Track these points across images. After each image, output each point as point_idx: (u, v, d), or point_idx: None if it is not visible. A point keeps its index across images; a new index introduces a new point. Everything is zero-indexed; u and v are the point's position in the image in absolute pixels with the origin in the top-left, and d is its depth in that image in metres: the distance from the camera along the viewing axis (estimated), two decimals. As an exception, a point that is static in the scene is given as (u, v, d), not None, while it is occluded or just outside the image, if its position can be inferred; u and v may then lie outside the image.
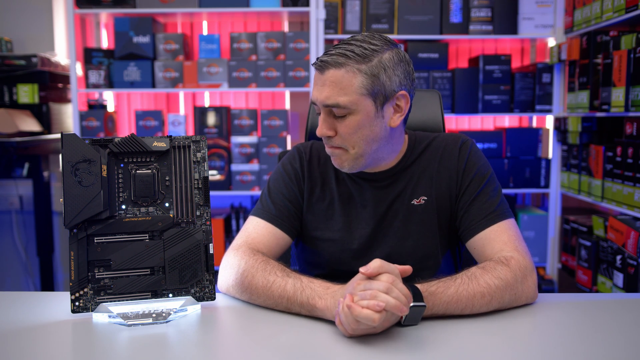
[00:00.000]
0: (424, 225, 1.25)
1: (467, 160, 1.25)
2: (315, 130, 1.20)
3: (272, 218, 1.25)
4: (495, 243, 1.16)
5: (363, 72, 1.13)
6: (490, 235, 1.17)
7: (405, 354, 0.87)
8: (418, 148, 1.29)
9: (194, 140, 1.08)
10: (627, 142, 2.13)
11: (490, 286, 1.03)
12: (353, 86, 1.13)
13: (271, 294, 1.06)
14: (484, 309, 1.03)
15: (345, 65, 1.13)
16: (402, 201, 1.25)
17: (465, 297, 1.01)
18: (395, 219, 1.25)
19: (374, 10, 2.70)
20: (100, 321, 1.01)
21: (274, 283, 1.06)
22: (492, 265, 1.08)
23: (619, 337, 0.95)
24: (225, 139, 2.74)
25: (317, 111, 1.19)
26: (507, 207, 1.22)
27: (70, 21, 2.66)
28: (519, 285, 1.06)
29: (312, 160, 1.31)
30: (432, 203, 1.25)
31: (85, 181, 1.01)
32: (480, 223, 1.19)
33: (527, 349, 0.91)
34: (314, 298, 1.01)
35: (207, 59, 2.71)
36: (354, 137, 1.17)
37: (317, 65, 1.16)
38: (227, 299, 1.14)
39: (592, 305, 1.11)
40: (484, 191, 1.22)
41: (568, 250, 2.63)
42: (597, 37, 2.36)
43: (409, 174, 1.27)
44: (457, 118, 3.00)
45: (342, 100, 1.13)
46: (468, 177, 1.23)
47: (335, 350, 0.90)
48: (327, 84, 1.14)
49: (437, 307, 1.00)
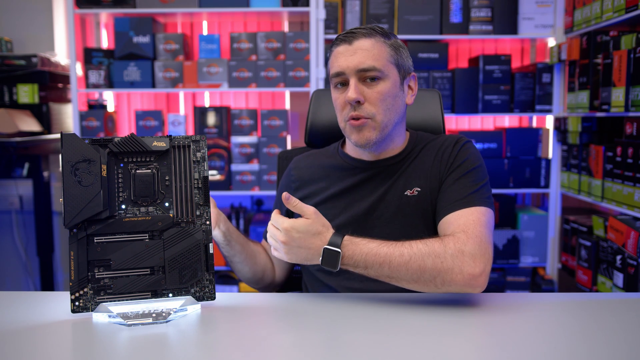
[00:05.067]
0: (416, 216, 1.27)
1: (458, 152, 1.28)
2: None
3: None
4: (452, 226, 1.15)
5: (388, 44, 1.24)
6: (452, 219, 1.17)
7: (405, 351, 0.87)
8: (418, 146, 1.33)
9: (193, 140, 1.08)
10: (627, 142, 2.13)
11: (412, 248, 1.07)
12: (383, 53, 1.22)
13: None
14: (403, 269, 1.06)
15: (374, 36, 1.23)
16: (395, 192, 1.29)
17: (385, 253, 1.07)
18: (387, 209, 1.28)
19: (374, 10, 2.70)
20: (100, 321, 1.01)
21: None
22: (428, 238, 1.10)
23: (619, 336, 0.95)
24: (225, 139, 2.74)
25: (338, 82, 1.25)
26: (485, 198, 1.20)
27: (70, 21, 2.66)
28: (449, 258, 1.05)
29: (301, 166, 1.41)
30: (426, 195, 1.27)
31: (85, 181, 1.01)
32: (449, 206, 1.20)
33: (527, 348, 0.91)
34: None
35: (207, 59, 2.71)
36: (382, 105, 1.22)
37: (341, 39, 1.23)
38: (227, 299, 1.14)
39: (592, 305, 1.11)
40: (462, 180, 1.23)
41: (568, 250, 2.63)
42: (597, 37, 2.36)
43: (404, 167, 1.30)
44: (457, 118, 3.00)
45: (376, 64, 1.21)
46: (454, 165, 1.27)
47: (335, 350, 0.90)
48: (359, 51, 1.21)
49: (357, 256, 1.08)
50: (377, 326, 0.98)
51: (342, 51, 1.23)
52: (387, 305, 1.07)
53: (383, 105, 1.22)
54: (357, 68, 1.20)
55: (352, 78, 1.21)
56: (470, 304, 1.10)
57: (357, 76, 1.21)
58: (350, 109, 1.23)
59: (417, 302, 1.09)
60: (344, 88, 1.24)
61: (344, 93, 1.24)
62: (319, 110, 1.53)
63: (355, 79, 1.21)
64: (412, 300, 1.10)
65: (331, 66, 1.26)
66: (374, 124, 1.23)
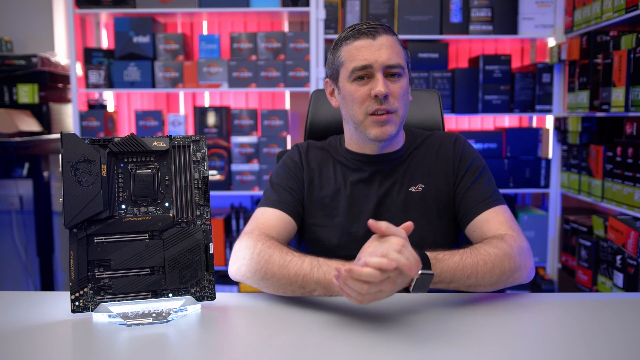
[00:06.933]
0: (422, 212, 1.30)
1: (462, 153, 1.33)
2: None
3: (277, 204, 1.29)
4: (492, 223, 1.23)
5: (399, 43, 1.27)
6: (488, 217, 1.24)
7: (405, 352, 0.87)
8: (416, 141, 1.36)
9: (193, 140, 1.08)
10: (627, 142, 2.13)
11: (490, 254, 1.08)
12: (400, 52, 1.26)
13: (287, 272, 1.06)
14: (488, 276, 1.07)
15: (391, 33, 1.26)
16: (400, 188, 1.31)
17: (470, 263, 1.06)
18: (393, 205, 1.31)
19: (374, 10, 2.70)
20: (100, 321, 1.01)
21: (290, 261, 1.07)
22: (489, 240, 1.14)
23: (619, 336, 0.95)
24: (225, 139, 2.74)
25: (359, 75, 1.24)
26: (501, 195, 1.30)
27: (70, 21, 2.66)
28: (517, 255, 1.12)
29: (309, 153, 1.38)
30: (430, 191, 1.31)
31: (85, 181, 1.01)
32: (479, 207, 1.26)
33: (527, 348, 0.91)
34: (330, 273, 1.01)
35: (207, 59, 2.70)
36: (402, 100, 1.26)
37: (363, 32, 1.24)
38: (227, 299, 1.14)
39: (592, 305, 1.11)
40: (479, 180, 1.30)
41: (568, 250, 2.63)
42: (597, 37, 2.36)
43: (406, 163, 1.33)
44: (457, 118, 3.00)
45: (400, 61, 1.24)
46: (464, 167, 1.31)
47: (335, 350, 0.90)
48: (384, 47, 1.23)
49: (445, 273, 1.04)
50: (377, 326, 0.98)
51: (365, 45, 1.23)
52: (387, 305, 1.07)
53: (404, 101, 1.26)
54: (385, 64, 1.22)
55: (379, 72, 1.22)
56: (470, 304, 1.10)
57: (385, 72, 1.23)
58: (375, 103, 1.23)
59: (416, 302, 1.09)
60: (365, 81, 1.24)
61: (365, 86, 1.24)
62: (318, 110, 1.53)
63: (382, 75, 1.23)
64: (412, 300, 1.10)
65: (350, 59, 1.24)
66: (396, 119, 1.26)
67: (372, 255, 0.90)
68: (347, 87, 1.26)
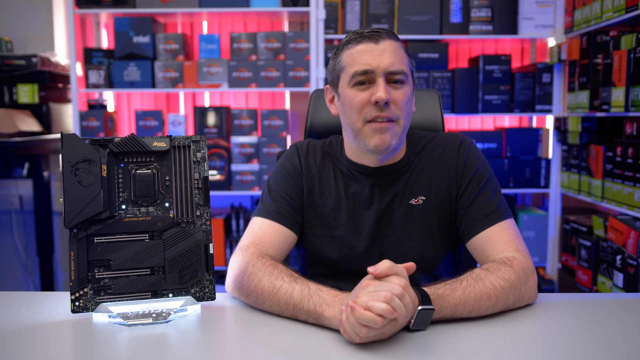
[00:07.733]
0: (423, 225, 1.24)
1: (465, 160, 1.25)
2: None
3: (275, 216, 1.23)
4: (496, 243, 1.16)
5: (404, 50, 1.21)
6: (491, 235, 1.17)
7: (405, 351, 0.87)
8: (417, 146, 1.29)
9: (194, 140, 1.08)
10: (627, 142, 2.13)
11: (495, 287, 1.02)
12: (404, 59, 1.20)
13: (277, 299, 1.02)
14: (490, 310, 1.02)
15: (395, 39, 1.20)
16: (401, 201, 1.25)
17: (473, 299, 0.99)
18: (394, 219, 1.25)
19: (374, 10, 2.70)
20: (100, 321, 1.01)
21: (280, 288, 1.02)
22: (496, 266, 1.06)
23: (619, 337, 0.95)
24: (225, 139, 2.74)
25: (360, 81, 1.18)
26: (507, 207, 1.22)
27: (70, 21, 2.66)
28: (522, 285, 1.06)
29: (309, 157, 1.32)
30: (431, 203, 1.24)
31: (85, 181, 1.01)
32: (481, 223, 1.19)
33: (527, 349, 0.91)
34: (321, 306, 0.96)
35: (207, 59, 2.71)
36: (404, 109, 1.20)
37: (365, 36, 1.19)
38: (227, 299, 1.14)
39: (592, 305, 1.11)
40: (484, 191, 1.22)
41: (568, 250, 2.63)
42: (597, 37, 2.36)
43: (408, 173, 1.27)
44: (457, 118, 3.00)
45: (404, 68, 1.19)
46: (467, 176, 1.23)
47: (335, 350, 0.90)
48: (387, 52, 1.17)
49: (446, 309, 0.98)
50: (377, 326, 0.98)
51: (367, 49, 1.17)
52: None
53: (405, 109, 1.19)
54: (387, 69, 1.16)
55: (380, 78, 1.16)
56: (470, 304, 1.10)
57: (387, 78, 1.17)
58: (375, 110, 1.16)
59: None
60: (366, 87, 1.18)
61: (365, 92, 1.17)
62: (318, 110, 1.53)
63: (384, 81, 1.16)
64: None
65: (351, 63, 1.19)
66: (397, 129, 1.19)
67: (374, 299, 0.86)
68: (347, 92, 1.20)
